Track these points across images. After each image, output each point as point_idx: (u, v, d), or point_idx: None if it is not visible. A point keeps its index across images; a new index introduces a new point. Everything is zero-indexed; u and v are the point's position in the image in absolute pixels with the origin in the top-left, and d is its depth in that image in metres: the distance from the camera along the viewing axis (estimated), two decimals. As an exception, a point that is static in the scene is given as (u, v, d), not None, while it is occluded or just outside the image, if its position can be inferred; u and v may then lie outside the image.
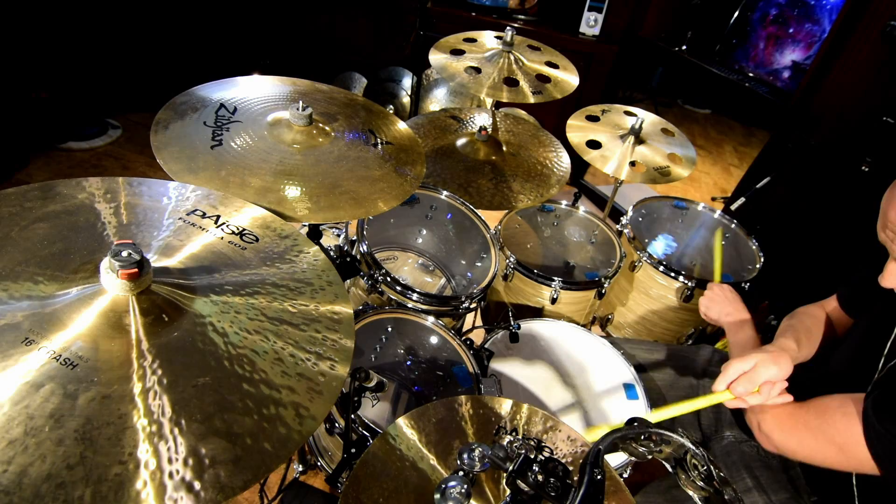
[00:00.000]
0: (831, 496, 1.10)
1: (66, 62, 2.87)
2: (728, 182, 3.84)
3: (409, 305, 1.37)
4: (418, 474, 0.78)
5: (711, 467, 0.63)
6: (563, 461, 0.64)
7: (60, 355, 0.62)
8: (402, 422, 0.84)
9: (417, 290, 1.36)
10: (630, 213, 1.89)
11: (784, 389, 1.04)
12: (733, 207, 2.10)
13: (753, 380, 1.05)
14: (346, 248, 1.50)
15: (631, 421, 0.68)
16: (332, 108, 1.29)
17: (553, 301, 1.62)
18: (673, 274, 1.72)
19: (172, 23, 3.18)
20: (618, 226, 1.89)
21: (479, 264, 1.63)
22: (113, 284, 0.68)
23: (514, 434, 0.68)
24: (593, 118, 1.97)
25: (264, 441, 0.62)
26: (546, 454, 0.65)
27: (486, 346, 1.30)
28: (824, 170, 2.16)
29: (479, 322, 1.76)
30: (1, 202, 0.79)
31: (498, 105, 2.23)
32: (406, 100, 3.16)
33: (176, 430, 0.60)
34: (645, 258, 1.77)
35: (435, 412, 0.87)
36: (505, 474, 0.64)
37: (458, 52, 1.73)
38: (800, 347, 1.14)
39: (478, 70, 1.66)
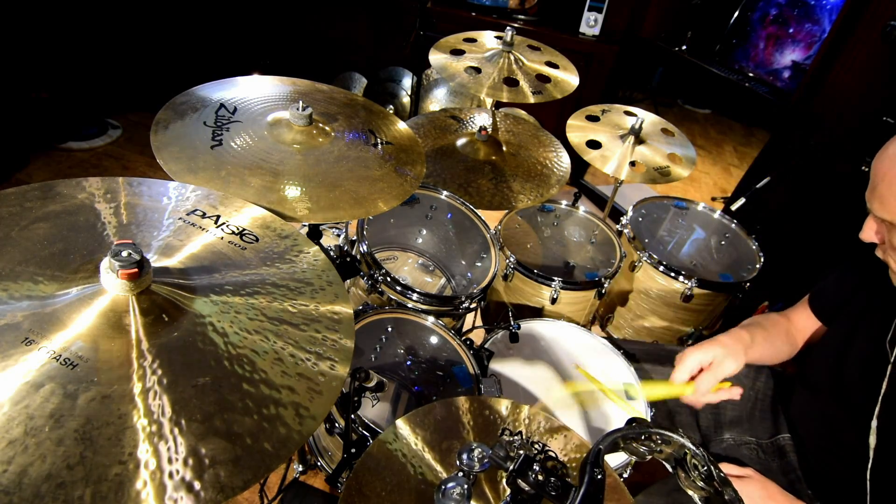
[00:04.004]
0: (834, 501, 1.10)
1: (66, 62, 2.87)
2: (728, 182, 3.84)
3: (409, 305, 1.37)
4: (419, 474, 0.78)
5: (712, 467, 0.63)
6: (564, 461, 0.64)
7: (60, 355, 0.62)
8: (402, 422, 0.84)
9: (417, 290, 1.36)
10: (630, 213, 1.89)
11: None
12: (733, 207, 2.10)
13: (717, 375, 1.06)
14: (346, 248, 1.50)
15: (631, 421, 0.68)
16: (332, 108, 1.29)
17: (553, 301, 1.62)
18: (673, 274, 1.72)
19: (172, 23, 3.18)
20: (618, 226, 1.89)
21: (479, 264, 1.63)
22: (113, 284, 0.68)
23: (517, 434, 0.68)
24: (593, 118, 1.97)
25: (264, 441, 0.62)
26: (546, 454, 0.65)
27: (486, 346, 1.30)
28: (824, 170, 2.16)
29: (479, 322, 1.76)
30: (1, 202, 0.79)
31: (498, 105, 2.23)
32: (406, 100, 3.16)
33: (176, 430, 0.60)
34: (645, 258, 1.77)
35: (436, 412, 0.87)
36: (505, 474, 0.64)
37: (458, 52, 1.73)
38: (754, 345, 1.14)
39: (478, 70, 1.66)
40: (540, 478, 0.62)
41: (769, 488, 1.00)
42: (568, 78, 1.73)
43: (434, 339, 1.31)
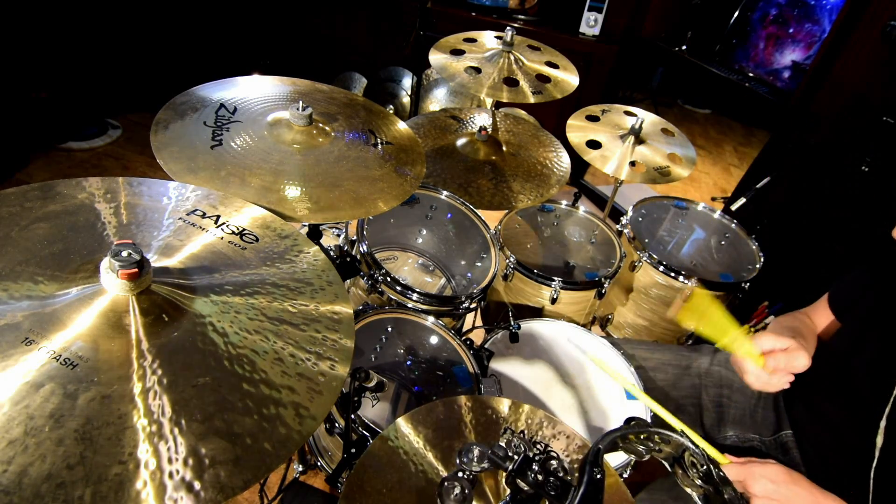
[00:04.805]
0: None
1: (66, 62, 2.87)
2: (728, 182, 3.84)
3: (409, 305, 1.37)
4: (420, 473, 0.78)
5: (710, 466, 0.63)
6: (563, 460, 0.65)
7: (60, 355, 0.62)
8: (402, 421, 0.84)
9: (417, 290, 1.36)
10: (630, 213, 1.89)
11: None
12: (733, 207, 2.10)
13: (790, 363, 1.04)
14: (346, 248, 1.50)
15: (629, 420, 0.68)
16: (332, 108, 1.29)
17: (553, 301, 1.62)
18: (673, 274, 1.72)
19: (172, 23, 3.18)
20: (618, 226, 1.89)
21: (479, 264, 1.64)
22: (113, 284, 0.68)
23: (519, 433, 0.68)
24: (593, 118, 1.97)
25: (264, 441, 0.62)
26: (547, 454, 0.65)
27: (486, 346, 1.30)
28: (824, 170, 2.16)
29: (479, 322, 1.76)
30: (1, 202, 0.79)
31: (498, 105, 2.23)
32: (406, 100, 3.16)
33: (176, 430, 0.60)
34: (645, 258, 1.77)
35: (436, 412, 0.87)
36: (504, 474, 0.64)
37: (458, 52, 1.73)
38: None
39: (478, 70, 1.66)
40: (539, 478, 0.62)
41: (793, 473, 0.98)
42: (568, 78, 1.73)
43: (434, 339, 1.31)
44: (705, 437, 1.34)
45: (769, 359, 1.05)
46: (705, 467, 0.63)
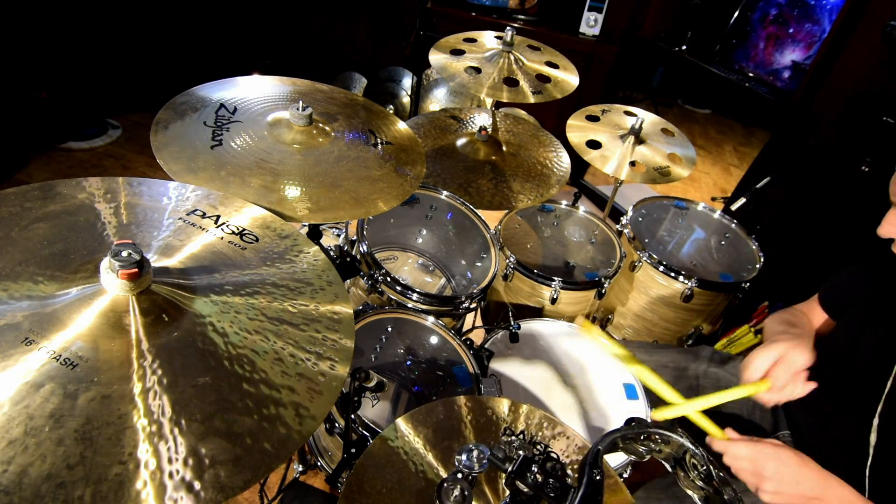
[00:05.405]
0: None
1: (66, 62, 2.87)
2: (728, 182, 3.84)
3: (409, 305, 1.37)
4: (420, 473, 0.78)
5: (711, 467, 0.63)
6: (563, 462, 0.65)
7: (60, 355, 0.62)
8: (402, 422, 0.84)
9: (417, 290, 1.36)
10: (630, 213, 1.89)
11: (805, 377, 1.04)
12: (733, 207, 2.10)
13: (789, 368, 1.03)
14: (346, 248, 1.50)
15: (629, 421, 0.68)
16: (332, 108, 1.29)
17: (553, 301, 1.62)
18: (673, 274, 1.72)
19: (172, 23, 3.18)
20: (618, 226, 1.89)
21: (479, 264, 1.64)
22: (113, 284, 0.68)
23: (517, 435, 0.68)
24: (593, 118, 1.97)
25: (264, 441, 0.62)
26: (546, 454, 0.65)
27: (486, 346, 1.30)
28: (824, 170, 2.16)
29: (479, 322, 1.76)
30: (1, 202, 0.79)
31: (498, 105, 2.23)
32: (406, 100, 3.16)
33: (176, 430, 0.60)
34: (645, 258, 1.77)
35: (436, 412, 0.87)
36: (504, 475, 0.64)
37: (458, 52, 1.73)
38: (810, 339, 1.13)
39: (478, 70, 1.66)
40: (538, 479, 0.62)
41: (802, 455, 0.97)
42: (568, 78, 1.73)
43: (434, 339, 1.31)
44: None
45: (770, 379, 1.05)
46: (706, 468, 0.63)
